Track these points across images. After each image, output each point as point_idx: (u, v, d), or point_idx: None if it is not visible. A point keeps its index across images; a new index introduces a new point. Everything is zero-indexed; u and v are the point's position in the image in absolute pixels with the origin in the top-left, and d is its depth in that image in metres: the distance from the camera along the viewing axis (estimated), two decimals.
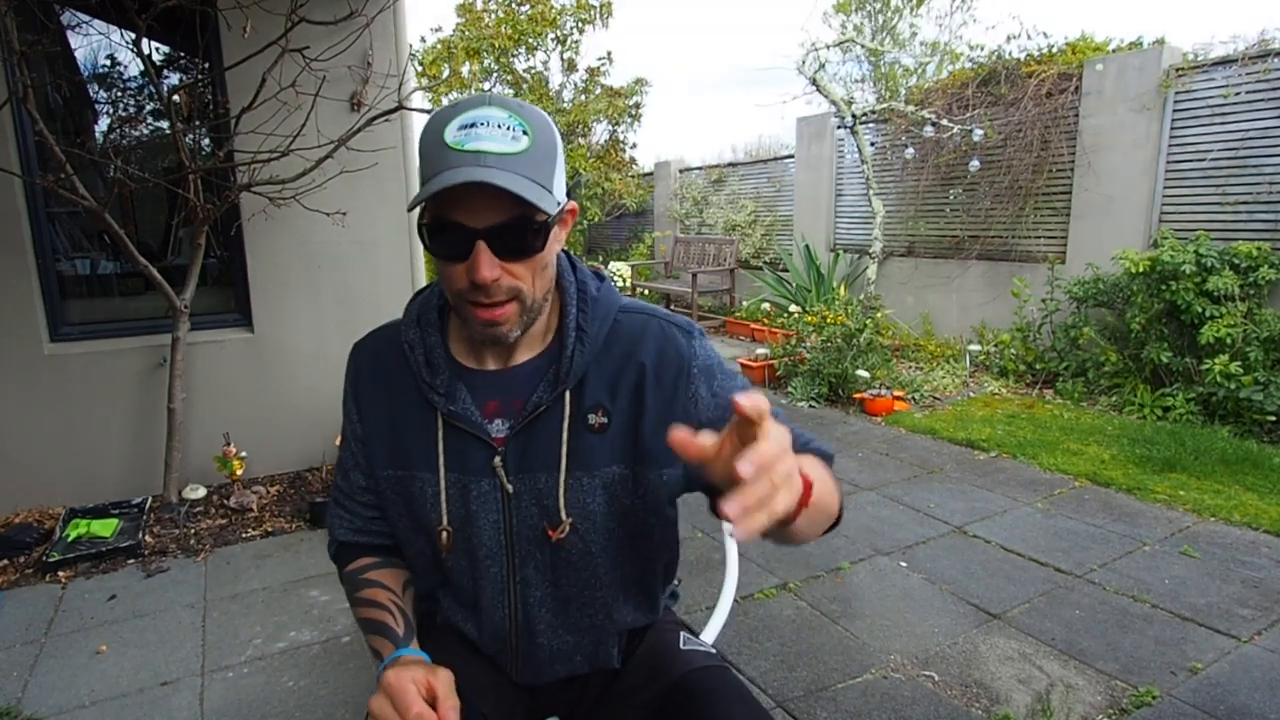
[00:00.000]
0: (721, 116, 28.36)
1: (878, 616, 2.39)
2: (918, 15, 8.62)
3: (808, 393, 4.99)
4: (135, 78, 3.62)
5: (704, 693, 0.95)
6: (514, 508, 0.96)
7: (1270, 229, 4.36)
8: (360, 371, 1.06)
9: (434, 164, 0.83)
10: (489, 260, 0.84)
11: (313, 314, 3.63)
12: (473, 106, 0.84)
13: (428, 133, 0.85)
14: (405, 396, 0.99)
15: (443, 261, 0.87)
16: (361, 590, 1.04)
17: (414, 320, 1.00)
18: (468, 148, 0.81)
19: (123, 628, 2.39)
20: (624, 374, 0.96)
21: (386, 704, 0.82)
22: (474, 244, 0.84)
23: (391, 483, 1.01)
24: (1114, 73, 5.00)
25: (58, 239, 3.33)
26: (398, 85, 3.51)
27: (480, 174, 0.80)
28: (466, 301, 0.88)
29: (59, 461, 3.23)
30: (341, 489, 1.11)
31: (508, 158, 0.82)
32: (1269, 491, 3.26)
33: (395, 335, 1.02)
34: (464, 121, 0.83)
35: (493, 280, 0.85)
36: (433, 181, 0.82)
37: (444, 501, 0.97)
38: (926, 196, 6.42)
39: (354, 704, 1.99)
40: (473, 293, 0.87)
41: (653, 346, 0.97)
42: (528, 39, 9.72)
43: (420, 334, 0.99)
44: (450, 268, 0.87)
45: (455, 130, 0.83)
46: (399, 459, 1.00)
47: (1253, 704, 1.92)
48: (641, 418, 0.95)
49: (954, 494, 3.40)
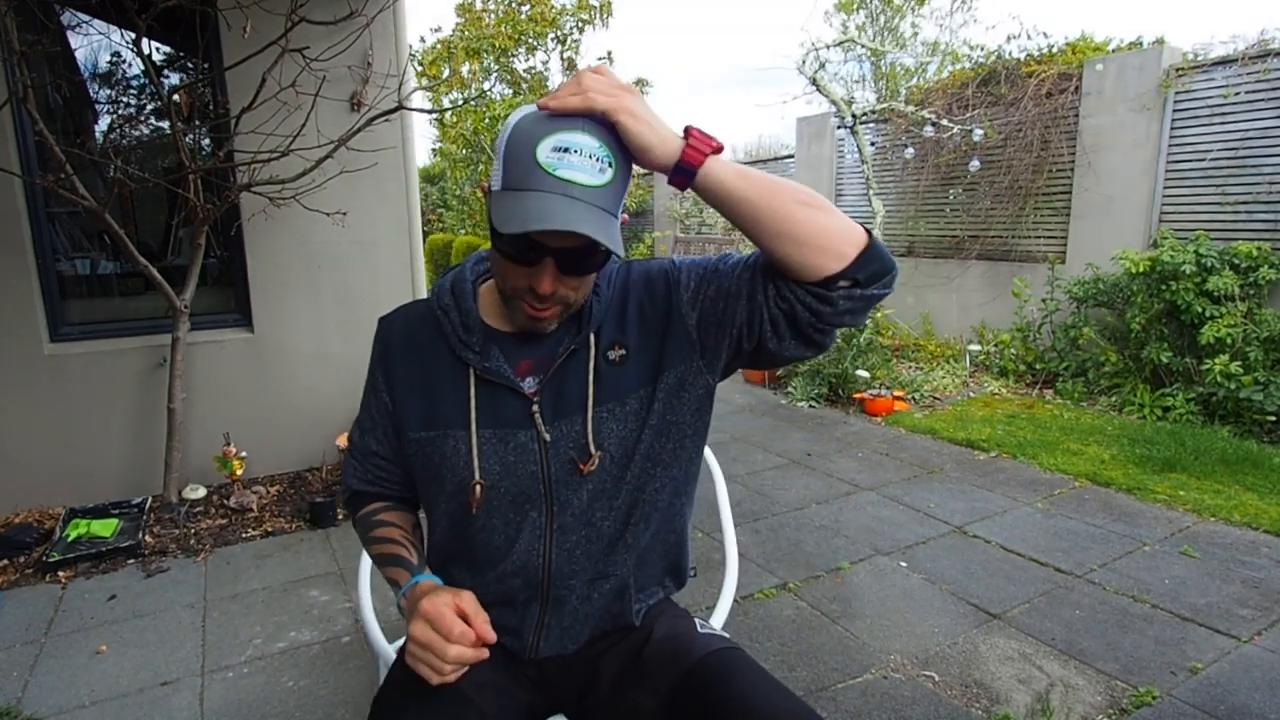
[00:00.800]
0: (721, 116, 28.39)
1: (878, 616, 2.39)
2: (919, 15, 8.62)
3: (808, 393, 4.99)
4: (135, 78, 3.62)
5: (726, 672, 1.00)
6: (551, 454, 1.01)
7: (1270, 229, 4.36)
8: (390, 343, 1.10)
9: (522, 178, 0.85)
10: (553, 277, 0.90)
11: (313, 314, 3.63)
12: (568, 129, 0.85)
13: (520, 139, 0.85)
14: (438, 360, 1.05)
15: (507, 261, 0.92)
16: (374, 530, 1.11)
17: (448, 289, 1.06)
18: (559, 174, 0.83)
19: (123, 628, 2.39)
20: (627, 309, 1.04)
21: (428, 628, 0.88)
22: (544, 259, 0.89)
23: (421, 445, 1.05)
24: (1114, 73, 5.00)
25: (58, 239, 3.33)
26: (398, 85, 3.51)
27: (564, 210, 0.82)
28: (519, 298, 0.95)
29: (59, 461, 3.23)
30: (356, 444, 1.16)
31: (592, 189, 0.84)
32: (1269, 491, 3.26)
33: (426, 309, 1.08)
34: (558, 144, 0.84)
35: (550, 293, 0.91)
36: (523, 206, 0.83)
37: (476, 457, 1.01)
38: (926, 196, 6.42)
39: (354, 704, 1.99)
40: (528, 294, 0.93)
41: (641, 279, 1.06)
42: (528, 39, 9.71)
43: (455, 300, 1.05)
44: (513, 267, 0.92)
45: (548, 151, 0.84)
46: (431, 421, 1.04)
47: (1253, 704, 1.92)
48: (651, 335, 1.03)
49: (954, 494, 3.40)
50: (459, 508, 1.04)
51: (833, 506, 3.29)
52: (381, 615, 2.37)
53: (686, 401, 1.03)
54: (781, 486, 3.54)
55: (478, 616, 0.90)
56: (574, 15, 9.74)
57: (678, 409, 1.03)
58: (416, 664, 0.89)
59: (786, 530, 3.05)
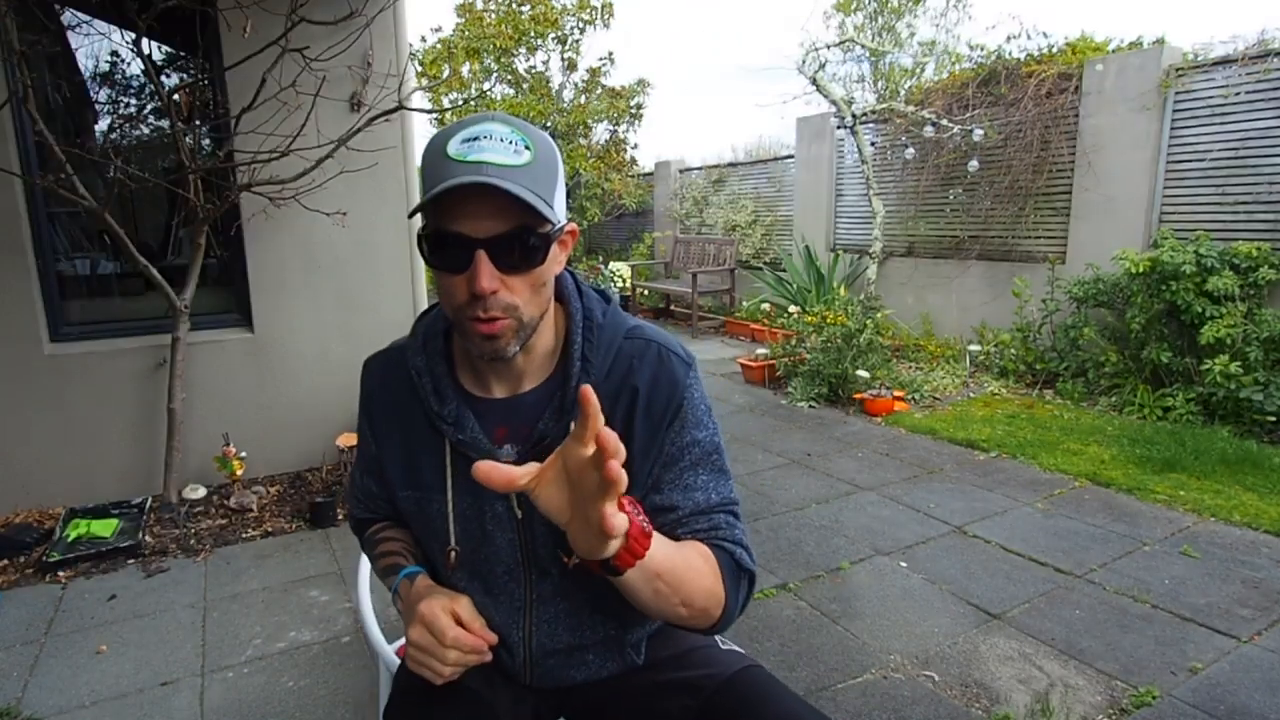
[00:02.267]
0: (721, 116, 28.33)
1: (878, 616, 2.39)
2: (916, 15, 8.61)
3: (808, 393, 4.99)
4: (135, 78, 3.63)
5: (757, 695, 0.98)
6: (527, 528, 0.98)
7: (1270, 229, 4.36)
8: (372, 395, 1.08)
9: (436, 176, 0.84)
10: (489, 270, 0.84)
11: (313, 314, 3.63)
12: (475, 122, 0.86)
13: (430, 150, 0.86)
14: (415, 421, 1.01)
15: (443, 274, 0.88)
16: (377, 546, 1.13)
17: (420, 347, 1.02)
18: (470, 158, 0.82)
19: (123, 628, 2.39)
20: (619, 399, 0.96)
21: (425, 632, 0.89)
22: (474, 254, 0.84)
23: (410, 503, 1.04)
24: (1114, 73, 5.00)
25: (58, 239, 3.33)
26: (398, 85, 3.51)
27: (475, 178, 0.80)
28: (466, 316, 0.88)
29: (59, 461, 3.23)
30: (357, 484, 1.18)
31: (510, 169, 0.83)
32: (1269, 491, 3.26)
33: (403, 359, 1.04)
34: (467, 135, 0.84)
35: (491, 292, 0.84)
36: (436, 189, 0.82)
37: (451, 523, 1.00)
38: (926, 196, 6.42)
39: (354, 704, 1.99)
40: (472, 305, 0.86)
41: (648, 372, 0.96)
42: (529, 39, 9.72)
43: (427, 361, 1.01)
44: (450, 280, 0.87)
45: (458, 144, 0.84)
46: (414, 480, 1.03)
47: (1253, 704, 1.91)
48: (631, 443, 0.92)
49: (954, 494, 3.40)
50: (442, 566, 1.04)
51: (833, 506, 3.29)
52: (381, 615, 2.37)
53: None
54: (781, 486, 3.54)
55: (475, 623, 0.91)
56: (575, 15, 9.74)
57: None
58: (418, 667, 0.89)
59: (786, 530, 3.05)
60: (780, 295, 7.10)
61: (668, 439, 0.96)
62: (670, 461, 0.96)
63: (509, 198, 0.81)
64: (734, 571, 0.93)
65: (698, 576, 0.88)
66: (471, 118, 0.87)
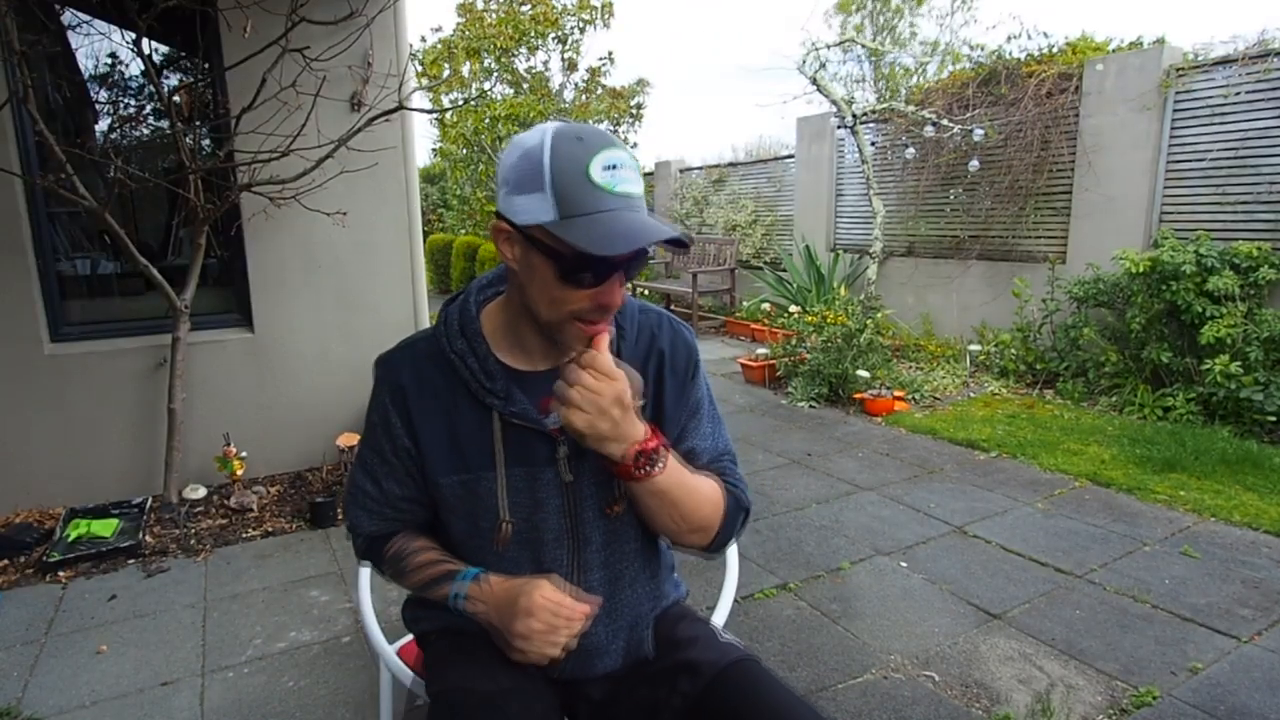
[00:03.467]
0: (721, 116, 28.37)
1: (878, 616, 2.39)
2: (918, 15, 8.62)
3: (808, 393, 4.99)
4: (135, 78, 3.63)
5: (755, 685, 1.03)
6: (574, 492, 1.05)
7: (1270, 229, 4.36)
8: (403, 388, 1.07)
9: (585, 201, 0.87)
10: (621, 285, 0.95)
11: (313, 314, 3.63)
12: (606, 146, 0.89)
13: (566, 164, 0.87)
14: (457, 403, 1.05)
15: (570, 288, 0.92)
16: (408, 561, 1.12)
17: (458, 332, 1.05)
18: (619, 190, 0.88)
19: (123, 628, 2.39)
20: (649, 360, 1.09)
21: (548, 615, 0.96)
22: (612, 274, 0.92)
23: (455, 488, 1.06)
24: (1114, 72, 5.00)
25: (58, 239, 3.33)
26: (398, 85, 3.51)
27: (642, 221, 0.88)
28: (578, 320, 0.94)
29: (59, 461, 3.23)
30: (367, 493, 1.14)
31: (642, 199, 0.92)
32: (1269, 492, 3.26)
33: (433, 349, 1.06)
34: (607, 162, 0.88)
35: (620, 305, 0.96)
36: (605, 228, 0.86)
37: (503, 496, 1.04)
38: (927, 196, 6.42)
39: (354, 704, 1.99)
40: (593, 313, 0.94)
41: (667, 337, 1.12)
42: (529, 39, 9.71)
43: (468, 344, 1.04)
44: (577, 293, 0.93)
45: (601, 171, 0.87)
46: (460, 464, 1.05)
47: (1253, 704, 1.91)
48: (662, 395, 1.10)
49: (954, 494, 3.40)
50: (486, 545, 1.07)
51: (833, 506, 3.29)
52: (381, 616, 2.37)
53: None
54: (782, 486, 3.54)
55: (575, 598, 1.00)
56: (575, 15, 9.74)
57: None
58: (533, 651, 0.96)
59: (787, 530, 3.05)
60: (780, 295, 7.10)
61: (691, 392, 1.12)
62: (693, 411, 1.13)
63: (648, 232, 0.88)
64: (735, 504, 1.10)
65: (711, 492, 1.05)
66: (596, 136, 0.90)
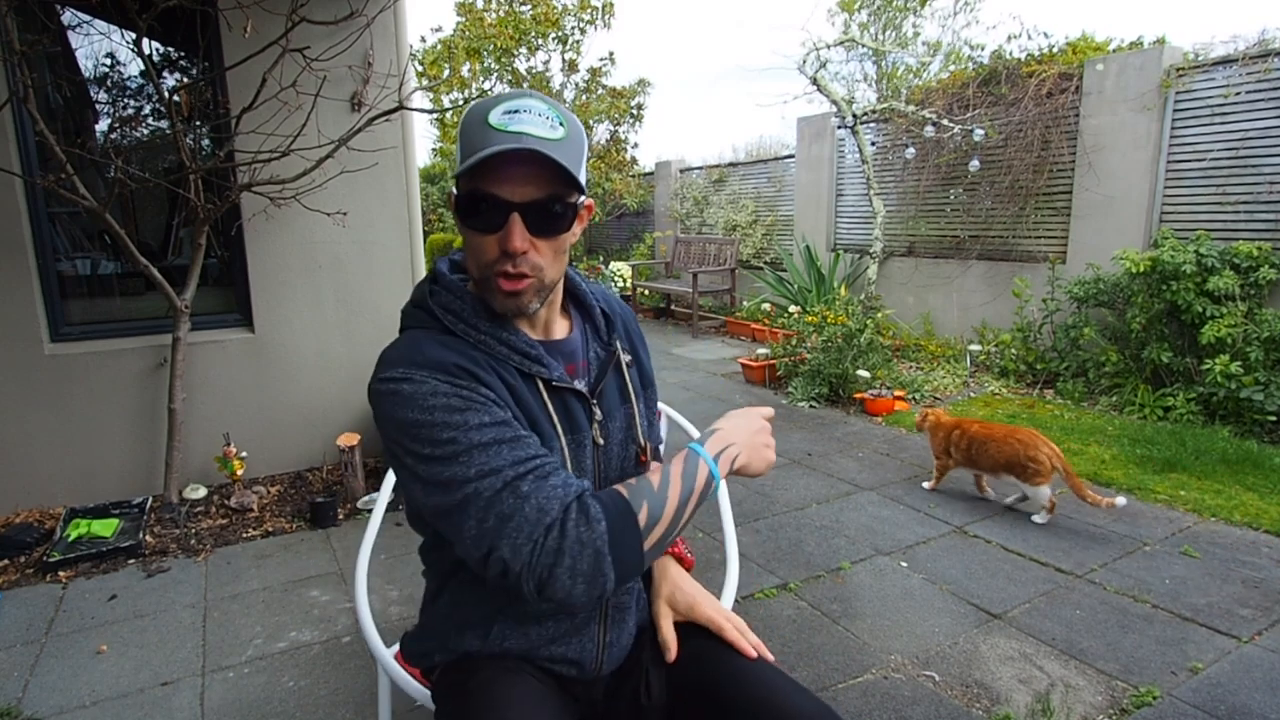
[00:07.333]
0: (722, 116, 28.33)
1: (878, 616, 2.39)
2: (921, 15, 8.61)
3: (808, 393, 4.99)
4: (135, 78, 3.62)
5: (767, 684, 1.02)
6: (604, 454, 1.07)
7: (1270, 229, 4.35)
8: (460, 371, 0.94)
9: (477, 142, 0.91)
10: (521, 231, 0.92)
11: (313, 314, 3.63)
12: (516, 97, 0.93)
13: (470, 118, 0.94)
14: (508, 381, 0.98)
15: (476, 234, 0.95)
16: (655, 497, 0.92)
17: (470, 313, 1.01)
18: (511, 129, 0.90)
19: (123, 628, 2.39)
20: (614, 323, 1.15)
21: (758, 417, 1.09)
22: (509, 216, 0.92)
23: None
24: (1114, 72, 5.00)
25: (58, 239, 3.33)
26: (398, 85, 3.51)
27: (517, 145, 0.88)
28: (493, 273, 0.95)
29: (59, 461, 3.23)
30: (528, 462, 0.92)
31: (547, 142, 0.90)
32: (1269, 491, 3.26)
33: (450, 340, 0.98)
34: (508, 108, 0.92)
35: (522, 251, 0.93)
36: (480, 152, 0.89)
37: (569, 464, 1.02)
38: (927, 196, 6.42)
39: (354, 704, 1.99)
40: (501, 262, 0.94)
41: (618, 307, 1.19)
42: (530, 39, 9.71)
43: (490, 326, 1.00)
44: (482, 239, 0.94)
45: (499, 114, 0.91)
46: (538, 433, 0.99)
47: (1253, 704, 1.91)
48: (637, 351, 1.18)
49: (954, 494, 3.39)
50: None
51: (833, 506, 3.29)
52: (380, 616, 2.37)
53: None
54: (782, 486, 3.54)
55: None
56: (576, 15, 9.74)
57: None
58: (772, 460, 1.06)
59: (787, 530, 3.05)
60: (781, 295, 7.10)
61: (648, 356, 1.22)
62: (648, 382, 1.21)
63: (545, 166, 0.90)
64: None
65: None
66: (512, 93, 0.95)
